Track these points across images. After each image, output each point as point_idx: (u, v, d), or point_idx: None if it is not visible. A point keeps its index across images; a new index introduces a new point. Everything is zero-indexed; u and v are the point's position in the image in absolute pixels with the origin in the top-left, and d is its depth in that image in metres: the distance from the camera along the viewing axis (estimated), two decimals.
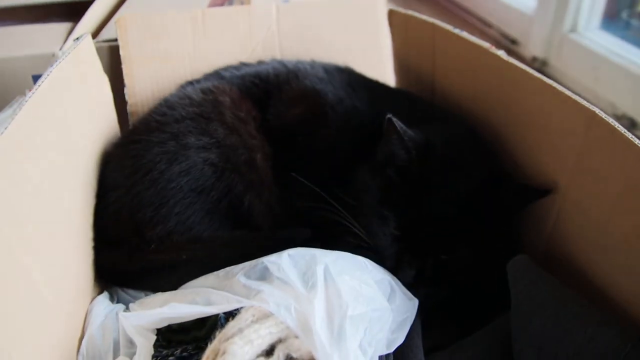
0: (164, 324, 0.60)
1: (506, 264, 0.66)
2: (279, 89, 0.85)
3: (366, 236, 0.70)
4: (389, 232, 0.68)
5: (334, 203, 0.71)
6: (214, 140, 0.74)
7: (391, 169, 0.71)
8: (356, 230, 0.70)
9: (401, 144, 0.69)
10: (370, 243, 0.69)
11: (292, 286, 0.57)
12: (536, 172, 0.72)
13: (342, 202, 0.71)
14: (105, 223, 0.74)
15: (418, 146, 0.69)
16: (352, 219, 0.70)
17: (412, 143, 0.68)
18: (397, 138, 0.68)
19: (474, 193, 0.67)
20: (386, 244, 0.68)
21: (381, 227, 0.69)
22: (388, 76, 1.08)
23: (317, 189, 0.72)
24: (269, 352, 0.53)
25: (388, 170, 0.71)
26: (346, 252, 0.63)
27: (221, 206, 0.73)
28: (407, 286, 0.65)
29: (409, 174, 0.69)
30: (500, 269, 0.66)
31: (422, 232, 0.67)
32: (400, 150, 0.69)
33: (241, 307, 0.57)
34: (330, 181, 0.74)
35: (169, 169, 0.72)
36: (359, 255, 0.64)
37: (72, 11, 1.10)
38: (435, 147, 0.70)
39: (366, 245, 0.70)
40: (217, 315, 0.57)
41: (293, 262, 0.60)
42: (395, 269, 0.66)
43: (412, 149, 0.68)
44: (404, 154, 0.69)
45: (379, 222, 0.69)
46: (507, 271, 0.65)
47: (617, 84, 1.23)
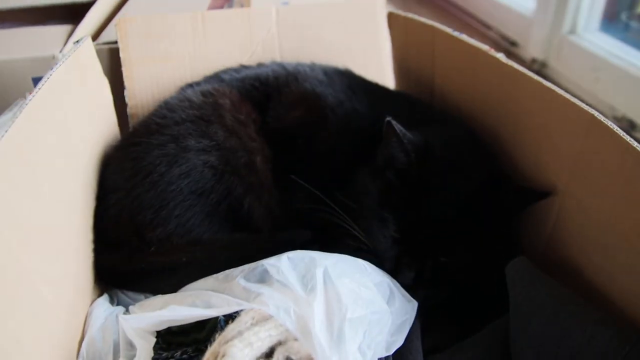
0: (163, 326, 0.60)
1: (505, 266, 0.66)
2: (279, 91, 0.85)
3: (365, 238, 0.70)
4: (388, 235, 0.68)
5: (333, 205, 0.71)
6: (213, 143, 0.75)
7: (391, 171, 0.71)
8: (356, 233, 0.70)
9: (400, 146, 0.69)
10: (370, 245, 0.70)
11: (291, 289, 0.57)
12: (535, 174, 0.72)
13: (342, 205, 0.71)
14: (105, 225, 0.74)
15: (417, 149, 0.69)
16: (351, 221, 0.71)
17: (411, 146, 0.68)
18: (397, 141, 0.69)
19: (473, 195, 0.68)
20: (385, 247, 0.68)
21: (381, 230, 0.69)
22: (388, 78, 1.08)
23: (316, 191, 0.72)
24: (269, 354, 0.53)
25: (387, 173, 0.71)
26: (345, 254, 0.64)
27: (221, 209, 0.73)
28: (406, 288, 0.65)
29: (408, 176, 0.69)
30: (499, 271, 0.66)
31: (421, 235, 0.67)
32: (400, 153, 0.69)
33: (241, 310, 0.57)
34: (330, 184, 0.74)
35: (169, 172, 0.72)
36: (359, 257, 0.64)
37: (72, 13, 1.10)
38: (435, 149, 0.71)
39: (365, 247, 0.70)
40: (217, 318, 0.58)
41: (292, 265, 0.60)
42: (395, 271, 0.66)
43: (411, 152, 0.68)
44: (403, 157, 0.69)
45: (378, 224, 0.69)
46: (506, 273, 0.66)
47: (617, 85, 1.23)
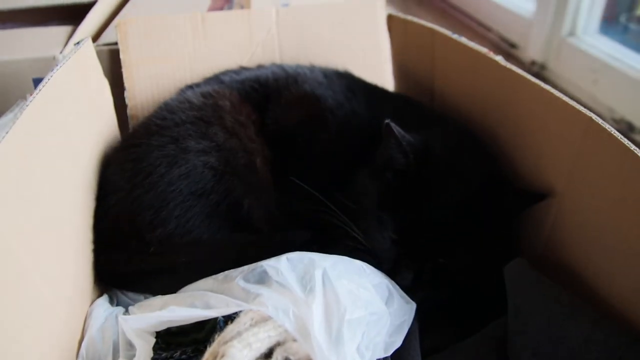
0: (163, 327, 0.60)
1: (504, 267, 0.66)
2: (279, 93, 0.85)
3: (364, 240, 0.70)
4: (387, 236, 0.68)
5: (332, 207, 0.71)
6: (213, 144, 0.75)
7: (390, 173, 0.71)
8: (355, 234, 0.70)
9: (399, 148, 0.69)
10: (369, 246, 0.70)
11: (290, 290, 0.57)
12: (534, 176, 0.72)
13: (341, 206, 0.71)
14: (105, 226, 0.74)
15: (416, 150, 0.69)
16: (350, 222, 0.71)
17: (410, 147, 0.69)
18: (395, 142, 0.69)
19: (472, 197, 0.68)
20: (384, 248, 0.68)
21: (379, 231, 0.69)
22: (387, 80, 1.09)
23: (316, 192, 0.72)
24: (268, 355, 0.54)
25: (387, 175, 0.72)
26: (345, 255, 0.64)
27: (221, 209, 0.73)
28: (405, 290, 0.65)
29: (407, 178, 0.69)
30: (498, 272, 0.67)
31: (420, 236, 0.67)
32: (399, 155, 0.70)
33: (240, 311, 0.57)
34: (329, 185, 0.75)
35: (169, 172, 0.72)
36: (358, 258, 0.64)
37: (73, 14, 1.10)
38: (434, 151, 0.71)
39: (364, 248, 0.70)
40: (216, 319, 0.58)
41: (292, 266, 0.60)
42: (394, 272, 0.66)
43: (410, 153, 0.68)
44: (402, 159, 0.69)
45: (377, 226, 0.69)
46: (504, 274, 0.66)
47: (616, 87, 1.24)
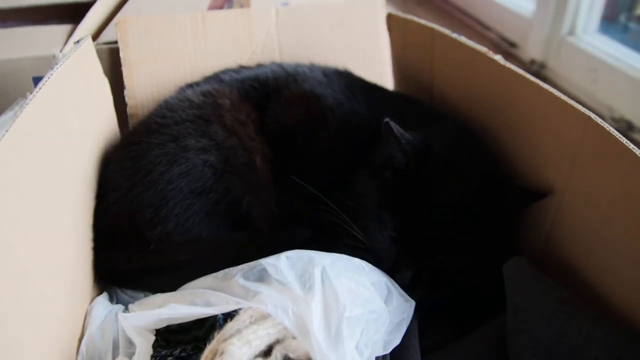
0: (163, 324, 0.61)
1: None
2: (278, 92, 0.85)
3: (364, 238, 0.70)
4: (387, 235, 0.68)
5: (332, 205, 0.71)
6: (213, 143, 0.75)
7: (389, 171, 0.71)
8: (354, 233, 0.70)
9: (399, 147, 0.69)
10: (369, 245, 0.70)
11: (289, 288, 0.58)
12: (533, 175, 0.72)
13: (341, 205, 0.71)
14: (105, 224, 0.74)
15: (415, 149, 0.69)
16: (350, 221, 0.71)
17: (409, 146, 0.69)
18: (395, 141, 0.69)
19: (472, 196, 0.68)
20: (384, 247, 0.69)
21: (379, 230, 0.69)
22: (387, 79, 1.09)
23: (316, 191, 0.72)
24: (267, 352, 0.54)
25: (386, 173, 0.72)
26: (344, 254, 0.64)
27: (220, 207, 0.73)
28: (404, 288, 0.65)
29: (406, 176, 0.70)
30: (498, 271, 0.67)
31: (420, 235, 0.67)
32: (398, 154, 0.70)
33: (240, 309, 0.57)
34: (329, 184, 0.75)
35: (169, 171, 0.72)
36: (357, 257, 0.64)
37: (73, 13, 1.10)
38: (433, 150, 0.71)
39: (364, 247, 0.70)
40: (215, 316, 0.58)
41: (291, 264, 0.60)
42: (393, 271, 0.66)
43: (410, 152, 0.69)
44: (401, 157, 0.70)
45: (377, 224, 0.69)
46: (503, 272, 0.66)
47: (615, 86, 1.24)
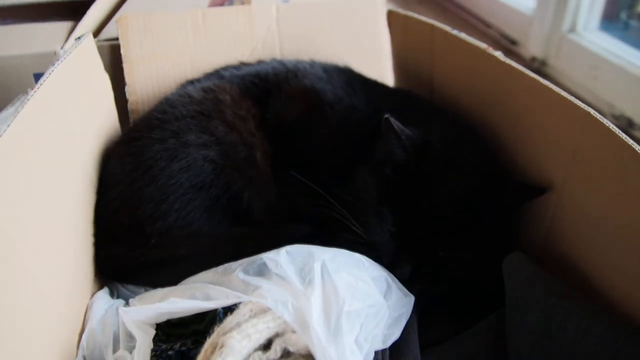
0: (163, 318, 0.61)
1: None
2: (279, 88, 0.85)
3: (364, 233, 0.70)
4: (387, 230, 0.69)
5: (332, 200, 0.71)
6: (214, 138, 0.75)
7: (389, 167, 0.72)
8: (354, 228, 0.71)
9: (398, 142, 0.69)
10: (368, 240, 0.70)
11: (289, 282, 0.58)
12: (533, 170, 0.73)
13: (341, 200, 0.72)
14: (105, 219, 0.74)
15: (415, 145, 0.69)
16: (350, 216, 0.71)
17: (409, 142, 0.69)
18: (395, 137, 0.69)
19: (472, 191, 0.68)
20: (384, 242, 0.69)
21: (379, 225, 0.69)
22: (387, 76, 1.09)
23: (316, 186, 0.72)
24: (266, 346, 0.54)
25: (386, 169, 0.72)
26: (344, 249, 0.64)
27: (221, 203, 0.73)
28: (404, 283, 0.65)
29: (406, 172, 0.70)
30: (497, 266, 0.67)
31: (419, 230, 0.67)
32: (398, 149, 0.70)
33: (239, 302, 0.57)
34: (329, 179, 0.75)
35: (169, 166, 0.72)
36: (356, 252, 0.64)
37: (74, 10, 1.10)
38: (433, 145, 0.71)
39: (364, 242, 0.70)
40: (215, 310, 0.58)
41: (291, 259, 0.60)
42: (392, 265, 0.67)
43: (410, 148, 0.69)
44: (401, 153, 0.70)
45: (377, 220, 0.70)
46: (503, 268, 0.66)
47: (615, 84, 1.23)
